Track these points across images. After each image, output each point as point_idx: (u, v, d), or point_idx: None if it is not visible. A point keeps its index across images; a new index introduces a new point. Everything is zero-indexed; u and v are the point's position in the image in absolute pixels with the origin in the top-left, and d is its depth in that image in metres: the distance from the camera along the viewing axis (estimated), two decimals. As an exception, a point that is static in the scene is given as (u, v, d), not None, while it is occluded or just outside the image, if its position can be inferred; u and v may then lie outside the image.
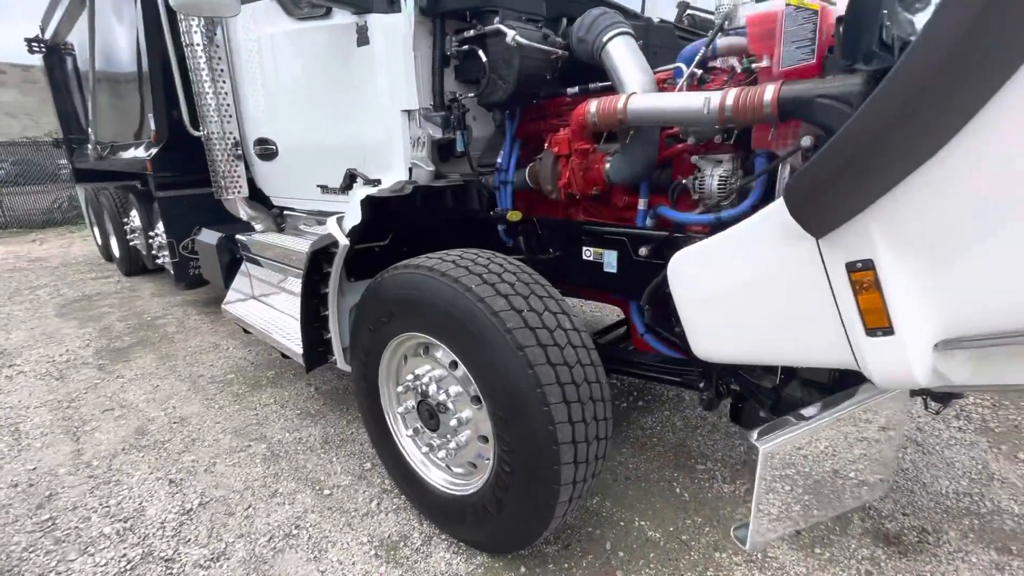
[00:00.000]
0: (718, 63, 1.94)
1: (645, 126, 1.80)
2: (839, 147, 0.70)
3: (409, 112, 2.10)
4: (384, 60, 2.08)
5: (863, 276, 0.78)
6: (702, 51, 1.78)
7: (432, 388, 1.78)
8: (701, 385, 1.79)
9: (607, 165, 1.94)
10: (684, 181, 1.85)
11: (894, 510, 2.12)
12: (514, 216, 2.29)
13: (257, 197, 3.15)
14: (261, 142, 2.86)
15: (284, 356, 2.64)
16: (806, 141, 1.42)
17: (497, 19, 1.95)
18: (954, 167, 0.67)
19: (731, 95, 1.49)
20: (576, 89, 2.18)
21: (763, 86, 1.44)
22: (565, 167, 2.05)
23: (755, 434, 1.07)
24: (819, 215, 0.79)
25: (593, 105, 1.81)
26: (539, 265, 2.29)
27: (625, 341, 2.75)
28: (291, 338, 2.56)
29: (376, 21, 2.06)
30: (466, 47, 2.07)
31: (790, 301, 0.91)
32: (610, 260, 2.11)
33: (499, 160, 2.34)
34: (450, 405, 1.74)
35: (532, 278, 1.69)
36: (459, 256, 1.72)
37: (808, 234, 0.83)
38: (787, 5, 1.42)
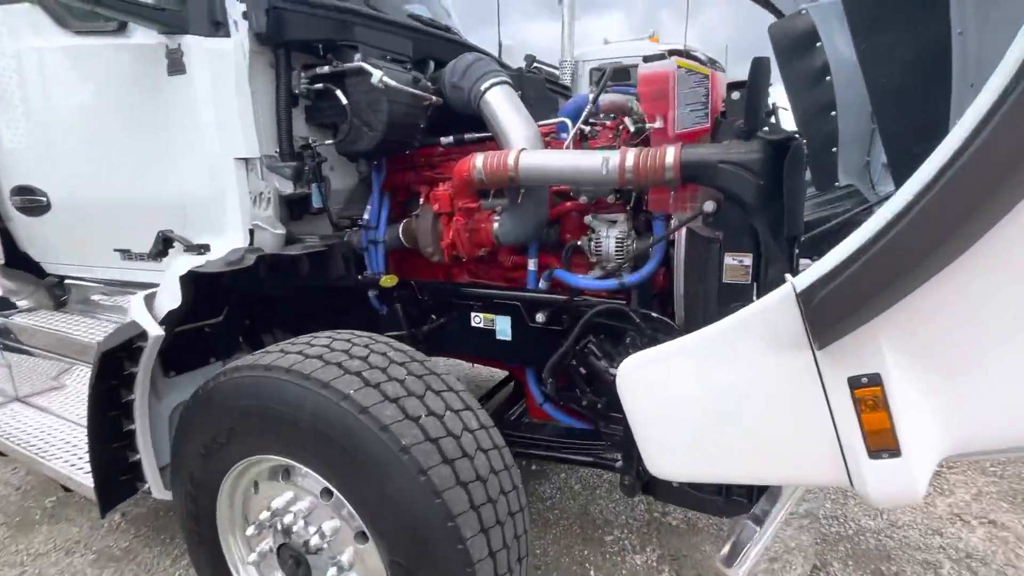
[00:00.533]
0: (600, 119, 1.89)
1: (536, 185, 1.63)
2: (880, 256, 0.58)
3: (247, 161, 1.66)
4: (209, 95, 1.63)
5: (869, 393, 0.67)
6: (588, 107, 1.69)
7: (298, 526, 1.34)
8: (619, 465, 1.63)
9: (495, 225, 1.74)
10: (579, 243, 1.72)
11: (786, 550, 2.18)
12: (389, 281, 1.95)
13: (20, 263, 2.32)
14: (24, 191, 2.11)
15: (66, 489, 1.90)
16: (709, 206, 1.36)
17: (358, 56, 1.65)
18: (980, 270, 0.59)
19: (630, 156, 1.39)
20: (451, 139, 1.97)
21: (663, 148, 1.36)
22: (448, 226, 1.79)
23: (722, 559, 0.90)
24: (826, 325, 0.66)
25: (479, 160, 1.59)
26: (420, 337, 1.98)
27: (514, 407, 2.52)
28: (77, 463, 1.84)
29: (195, 45, 1.61)
30: (320, 86, 1.72)
31: (775, 419, 0.78)
32: (503, 327, 1.88)
33: (365, 216, 2.00)
34: (325, 546, 1.32)
35: (424, 368, 1.37)
36: (326, 347, 1.33)
37: (806, 344, 0.69)
38: (678, 68, 1.38)
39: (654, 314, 1.58)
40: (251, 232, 1.69)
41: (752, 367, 0.74)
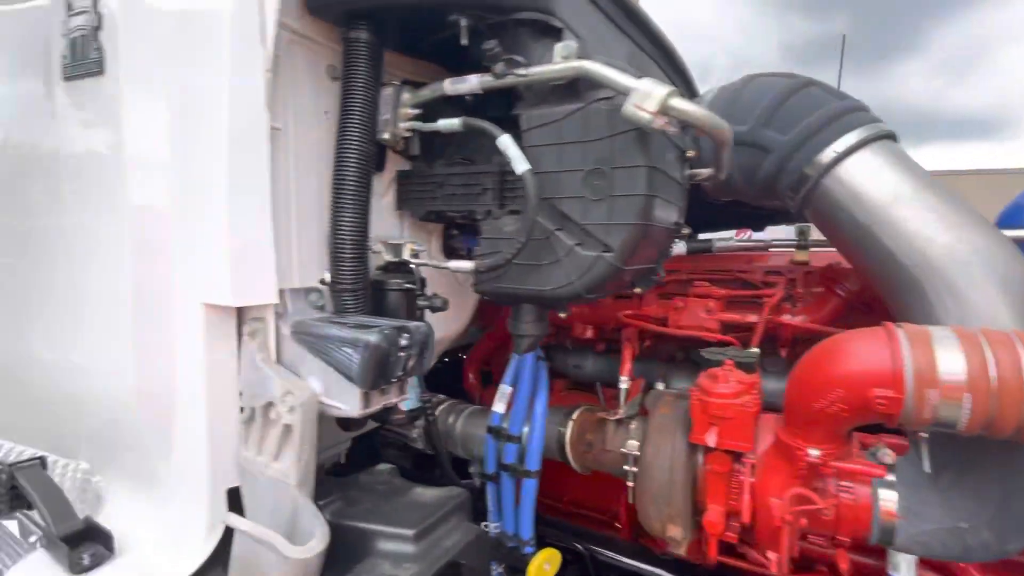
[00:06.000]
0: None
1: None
2: None
3: (252, 313, 0.60)
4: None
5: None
6: None
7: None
8: None
9: (892, 514, 0.63)
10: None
11: None
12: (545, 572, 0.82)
13: None
14: None
15: None
16: None
17: (562, 47, 0.60)
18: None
19: None
20: (705, 240, 0.96)
21: None
22: (731, 488, 0.68)
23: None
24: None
25: (950, 358, 0.50)
26: None
27: None
28: None
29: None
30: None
31: None
32: None
33: (498, 408, 0.89)
34: None
35: None
36: None
37: None
38: None
39: None
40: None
41: None
